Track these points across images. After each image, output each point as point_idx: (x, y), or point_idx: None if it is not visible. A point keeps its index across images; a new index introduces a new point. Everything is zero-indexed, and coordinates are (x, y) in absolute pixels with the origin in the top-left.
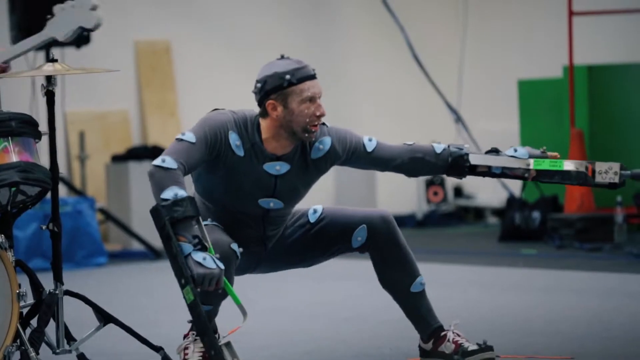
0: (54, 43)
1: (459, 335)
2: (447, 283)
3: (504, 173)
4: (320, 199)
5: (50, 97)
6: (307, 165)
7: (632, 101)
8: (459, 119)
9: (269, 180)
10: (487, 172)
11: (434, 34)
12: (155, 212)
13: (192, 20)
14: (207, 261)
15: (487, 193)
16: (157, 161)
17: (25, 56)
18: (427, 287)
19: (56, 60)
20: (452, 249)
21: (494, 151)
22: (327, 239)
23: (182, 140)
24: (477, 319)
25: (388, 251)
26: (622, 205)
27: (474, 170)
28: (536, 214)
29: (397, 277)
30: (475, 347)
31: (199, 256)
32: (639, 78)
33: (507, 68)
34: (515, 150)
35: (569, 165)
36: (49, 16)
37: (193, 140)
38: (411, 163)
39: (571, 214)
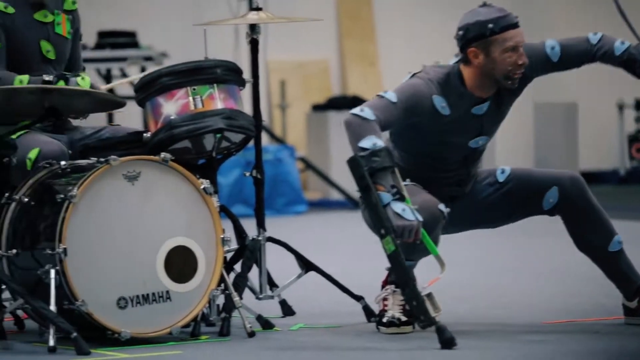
0: None
1: None
2: None
3: None
4: (519, 156)
5: (254, 45)
6: (501, 94)
7: None
8: None
9: (477, 122)
10: None
11: None
12: (353, 162)
13: None
14: (406, 212)
15: None
16: (356, 110)
17: (229, 4)
18: (631, 245)
19: (260, 9)
20: None
21: None
22: (517, 200)
23: (383, 97)
24: None
25: (581, 213)
26: None
27: None
28: None
29: (593, 238)
30: None
31: (398, 207)
32: None
33: None
34: None
35: None
36: None
37: (394, 100)
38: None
39: None
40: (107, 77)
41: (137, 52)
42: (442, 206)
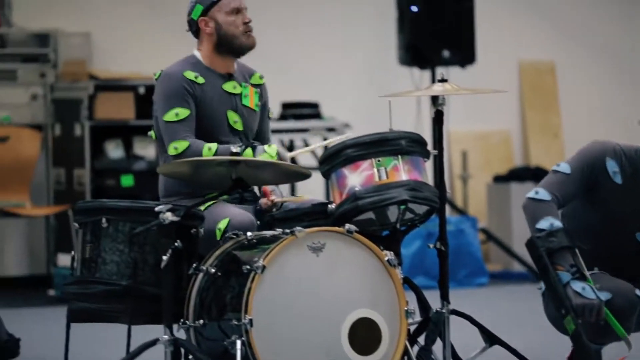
0: (439, 61)
1: None
2: None
3: None
4: None
5: (439, 116)
6: None
7: None
8: None
9: None
10: None
11: None
12: (530, 244)
13: (577, 42)
14: (586, 291)
15: None
16: (531, 193)
17: (411, 75)
18: None
19: (446, 80)
20: None
21: None
22: None
23: (557, 171)
24: None
25: None
26: None
27: None
28: None
29: None
30: None
31: (577, 286)
32: None
33: None
34: None
35: None
36: None
37: (568, 171)
38: None
39: None
40: (290, 148)
41: (319, 123)
42: (638, 292)
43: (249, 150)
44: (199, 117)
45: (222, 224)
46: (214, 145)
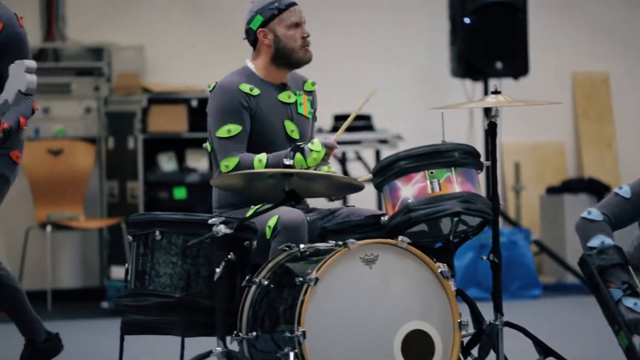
0: (492, 73)
1: None
2: None
3: None
4: None
5: (492, 128)
6: None
7: None
8: None
9: None
10: None
11: None
12: (582, 262)
13: (632, 52)
14: (638, 306)
15: None
16: (584, 213)
17: (463, 87)
18: None
19: (499, 92)
20: None
21: None
22: None
23: (617, 194)
24: None
25: None
26: None
27: None
28: None
29: None
30: None
31: (629, 302)
32: None
33: None
34: None
35: None
36: None
37: (627, 196)
38: None
39: None
40: (342, 160)
41: (372, 135)
42: None
43: (299, 156)
44: (256, 128)
45: (271, 222)
46: (263, 157)
